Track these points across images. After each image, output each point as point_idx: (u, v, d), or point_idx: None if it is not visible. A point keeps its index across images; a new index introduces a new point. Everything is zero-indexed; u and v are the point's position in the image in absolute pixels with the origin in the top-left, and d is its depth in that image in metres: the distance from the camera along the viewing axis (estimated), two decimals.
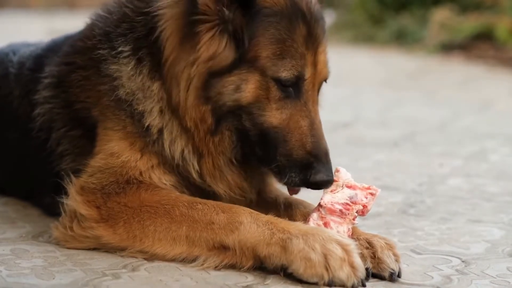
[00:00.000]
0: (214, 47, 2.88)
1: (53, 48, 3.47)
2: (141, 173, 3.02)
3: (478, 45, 11.33)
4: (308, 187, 2.96)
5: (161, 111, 3.02)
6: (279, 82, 2.91)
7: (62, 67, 3.26)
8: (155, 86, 3.01)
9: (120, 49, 3.06)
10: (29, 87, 3.39)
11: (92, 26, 3.24)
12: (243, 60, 2.89)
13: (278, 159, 2.94)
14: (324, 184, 2.92)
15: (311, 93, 2.98)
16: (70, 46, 3.31)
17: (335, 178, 2.93)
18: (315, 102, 3.02)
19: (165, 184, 3.04)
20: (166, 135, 3.02)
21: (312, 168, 2.91)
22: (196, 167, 3.04)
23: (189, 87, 2.92)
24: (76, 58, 3.22)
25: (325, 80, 3.09)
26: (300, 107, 2.95)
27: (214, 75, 2.89)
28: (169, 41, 2.95)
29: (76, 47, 3.26)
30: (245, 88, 2.89)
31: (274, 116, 2.93)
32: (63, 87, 3.23)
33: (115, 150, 3.04)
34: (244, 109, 2.92)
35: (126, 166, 3.02)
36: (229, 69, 2.89)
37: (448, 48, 11.51)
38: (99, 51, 3.11)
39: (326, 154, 2.96)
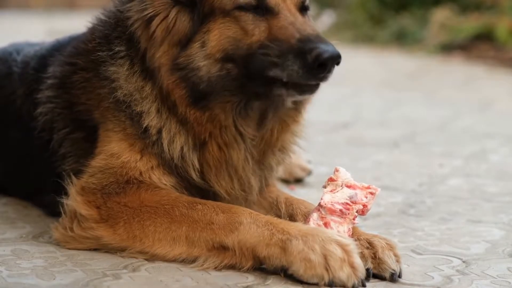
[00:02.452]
0: (165, 23, 2.95)
1: (57, 48, 3.49)
2: (141, 174, 3.03)
3: (478, 45, 11.32)
4: (315, 71, 2.76)
5: (158, 111, 3.03)
6: (242, 8, 2.91)
7: (65, 67, 3.29)
8: (148, 87, 3.04)
9: (117, 49, 3.10)
10: (33, 87, 3.41)
11: (93, 30, 3.28)
12: (202, 18, 2.92)
13: (270, 63, 2.81)
14: (327, 53, 2.73)
15: (283, 5, 2.92)
16: (73, 47, 3.35)
17: (334, 177, 2.93)
18: (293, 12, 2.92)
19: (165, 184, 3.04)
20: (164, 134, 3.02)
21: (307, 50, 2.75)
22: (196, 165, 3.04)
23: (163, 67, 2.96)
24: (79, 59, 3.25)
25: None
26: (277, 19, 2.88)
27: (182, 46, 2.93)
28: (141, 38, 3.02)
29: (79, 49, 3.30)
30: (208, 38, 2.91)
31: (252, 34, 2.88)
32: (65, 88, 3.26)
33: (115, 151, 3.05)
34: (223, 59, 2.89)
35: (126, 166, 3.02)
36: (192, 34, 2.93)
37: (448, 48, 11.51)
38: (99, 53, 3.14)
39: (317, 35, 2.81)
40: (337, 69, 2.85)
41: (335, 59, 2.79)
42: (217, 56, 2.91)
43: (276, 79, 2.84)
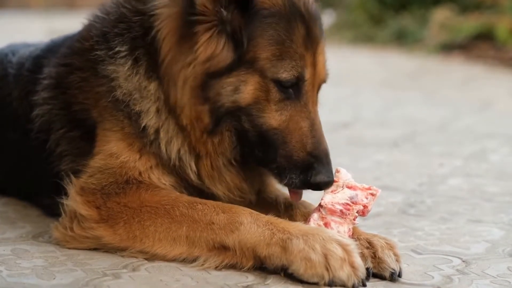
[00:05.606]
0: (211, 48, 2.87)
1: (52, 49, 3.46)
2: (140, 174, 3.02)
3: (478, 45, 11.32)
4: (308, 188, 2.95)
5: (157, 111, 3.01)
6: (279, 83, 2.90)
7: (60, 69, 3.25)
8: (152, 86, 3.01)
9: (117, 49, 3.06)
10: (28, 88, 3.39)
11: (89, 27, 3.24)
12: (242, 61, 2.88)
13: (278, 160, 2.94)
14: (324, 185, 2.91)
15: (311, 94, 2.98)
16: (68, 47, 3.31)
17: (335, 178, 2.93)
18: (315, 103, 3.02)
19: (164, 184, 3.04)
20: (162, 134, 3.02)
21: (313, 169, 2.91)
22: (194, 168, 3.04)
23: (185, 87, 2.91)
24: (74, 59, 3.21)
25: (325, 81, 3.09)
26: (300, 109, 2.95)
27: (213, 76, 2.88)
28: (165, 41, 2.95)
29: (74, 48, 3.25)
30: (244, 89, 2.89)
31: (274, 117, 2.93)
32: (62, 88, 3.22)
33: (114, 150, 3.04)
34: (243, 110, 2.91)
35: (125, 166, 3.02)
36: (227, 70, 2.88)
37: (448, 48, 11.51)
38: (96, 52, 3.10)
39: (326, 155, 2.96)
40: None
41: (328, 185, 2.92)
42: (242, 106, 2.90)
43: (274, 162, 2.96)
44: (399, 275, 2.80)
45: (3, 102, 3.55)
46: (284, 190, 3.21)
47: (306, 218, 2.95)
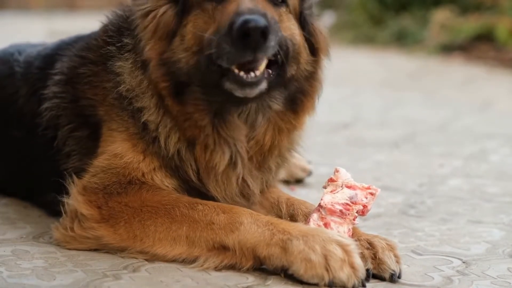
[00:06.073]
0: (156, 19, 2.99)
1: (63, 48, 3.50)
2: (143, 175, 3.03)
3: (478, 46, 11.32)
4: (242, 44, 2.70)
5: (156, 106, 3.03)
6: None
7: (75, 59, 3.32)
8: (146, 81, 3.05)
9: (125, 41, 3.13)
10: (38, 85, 3.42)
11: (107, 24, 3.32)
12: (184, 13, 2.96)
13: (215, 53, 2.80)
14: (248, 23, 2.66)
15: None
16: (86, 43, 3.38)
17: (334, 177, 2.93)
18: None
19: (167, 186, 3.05)
20: (161, 129, 3.04)
21: (232, 24, 2.72)
22: (194, 166, 3.05)
23: (150, 60, 2.99)
24: (89, 53, 3.27)
25: None
26: (230, 5, 2.86)
27: (168, 41, 2.96)
28: (145, 34, 3.03)
29: (90, 44, 3.32)
30: (185, 31, 2.95)
31: (211, 24, 2.88)
32: (72, 83, 3.27)
33: (119, 151, 3.06)
34: (196, 49, 2.90)
35: (129, 167, 3.03)
36: (176, 29, 2.97)
37: (448, 49, 11.51)
38: (109, 47, 3.17)
39: (250, 9, 2.76)
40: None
41: (258, 28, 2.68)
42: (193, 49, 2.92)
43: (224, 69, 2.81)
44: (399, 276, 2.80)
45: (9, 100, 3.56)
46: (286, 191, 3.21)
47: (307, 218, 2.95)
